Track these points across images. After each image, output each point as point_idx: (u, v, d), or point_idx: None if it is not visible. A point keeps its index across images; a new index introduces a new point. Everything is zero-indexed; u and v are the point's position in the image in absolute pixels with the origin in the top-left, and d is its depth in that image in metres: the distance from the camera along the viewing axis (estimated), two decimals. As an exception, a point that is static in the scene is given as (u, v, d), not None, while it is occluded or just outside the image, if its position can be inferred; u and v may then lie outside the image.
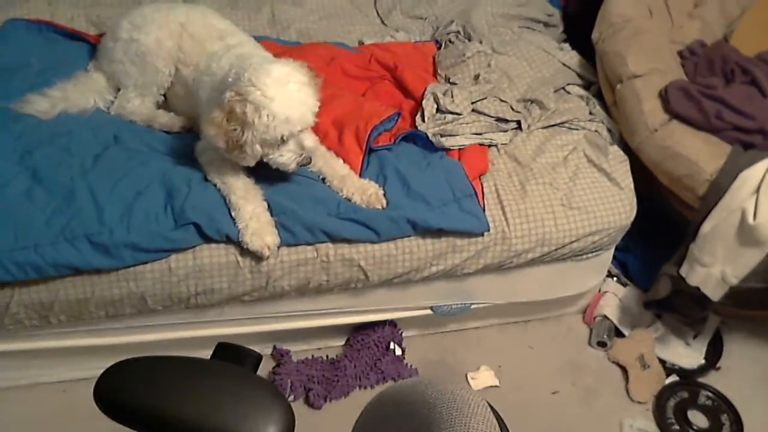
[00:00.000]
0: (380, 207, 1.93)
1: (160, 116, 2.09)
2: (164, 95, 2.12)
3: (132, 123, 2.08)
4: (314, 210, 1.90)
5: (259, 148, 1.79)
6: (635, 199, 2.15)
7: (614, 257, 2.39)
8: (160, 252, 1.81)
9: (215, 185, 1.88)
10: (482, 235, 2.00)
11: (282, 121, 1.74)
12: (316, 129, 1.92)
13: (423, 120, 2.17)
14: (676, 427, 2.16)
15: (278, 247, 1.85)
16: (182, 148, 1.98)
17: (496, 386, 2.23)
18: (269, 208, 1.87)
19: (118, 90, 2.13)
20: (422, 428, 0.86)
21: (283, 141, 1.79)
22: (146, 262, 1.81)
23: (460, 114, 2.19)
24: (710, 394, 2.24)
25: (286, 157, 1.83)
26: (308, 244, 1.89)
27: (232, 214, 1.83)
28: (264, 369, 2.17)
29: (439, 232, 1.97)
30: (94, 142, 1.97)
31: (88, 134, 2.00)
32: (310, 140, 1.85)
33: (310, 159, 1.86)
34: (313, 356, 2.24)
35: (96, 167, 1.90)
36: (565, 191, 2.10)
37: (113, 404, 1.14)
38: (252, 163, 1.84)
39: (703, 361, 2.34)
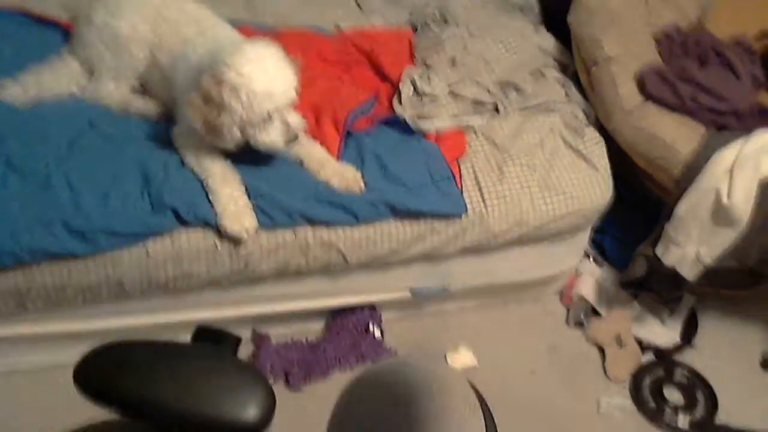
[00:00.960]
0: (358, 190, 1.93)
1: (135, 101, 2.07)
2: (140, 80, 2.10)
3: (107, 108, 2.06)
4: (292, 193, 1.89)
5: (238, 132, 1.78)
6: (611, 181, 2.16)
7: (591, 238, 2.40)
8: (137, 237, 1.80)
9: (192, 170, 1.86)
10: (460, 217, 2.00)
11: (264, 97, 1.74)
12: (293, 112, 1.91)
13: (400, 103, 2.17)
14: (652, 404, 2.19)
15: (256, 231, 1.85)
16: (158, 134, 1.96)
17: (474, 367, 2.25)
18: (247, 191, 1.86)
19: (93, 75, 2.10)
20: (402, 407, 0.86)
21: (268, 118, 1.78)
22: (123, 247, 1.80)
23: (437, 97, 2.19)
24: (685, 372, 2.28)
25: (273, 135, 1.82)
26: (287, 227, 1.89)
27: (210, 198, 1.82)
28: (243, 352, 2.17)
29: (417, 215, 1.97)
30: (68, 128, 1.94)
31: (63, 120, 1.97)
32: (294, 116, 1.84)
33: (297, 135, 1.85)
34: (292, 339, 2.24)
35: (71, 153, 1.87)
36: (541, 173, 2.11)
37: (93, 388, 1.14)
38: (232, 146, 1.83)
39: (678, 340, 2.36)
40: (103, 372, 1.15)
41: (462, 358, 2.26)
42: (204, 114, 1.74)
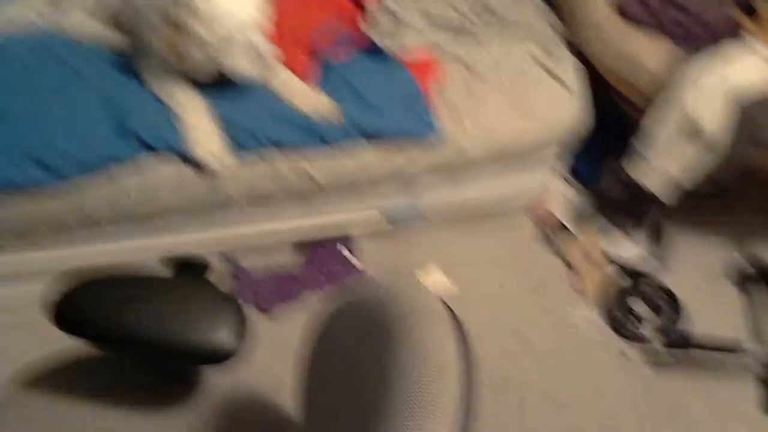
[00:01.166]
0: (329, 114, 1.91)
1: (99, 30, 2.01)
2: (105, 9, 2.04)
3: (71, 38, 2.00)
4: (261, 118, 1.87)
5: (206, 60, 1.75)
6: (583, 99, 2.16)
7: (563, 153, 2.40)
8: (102, 164, 1.78)
9: (158, 96, 1.83)
10: (431, 137, 2.00)
11: (225, 16, 1.70)
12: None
13: (369, 24, 2.13)
14: (618, 314, 2.25)
15: (227, 157, 1.83)
16: (123, 62, 1.92)
17: (446, 284, 2.28)
18: (215, 117, 1.83)
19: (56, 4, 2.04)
20: (375, 328, 0.87)
21: (232, 39, 1.75)
22: (88, 175, 1.78)
23: (407, 16, 2.16)
24: (650, 283, 2.32)
25: (244, 60, 1.79)
26: (255, 152, 1.87)
27: (176, 123, 1.80)
28: (214, 277, 2.18)
29: (388, 137, 1.96)
30: (30, 58, 1.90)
31: (24, 50, 1.92)
32: (262, 41, 1.81)
33: (269, 62, 1.82)
34: (264, 267, 2.25)
35: (33, 83, 1.84)
36: (513, 92, 2.10)
37: (69, 322, 1.14)
38: (203, 76, 1.79)
39: (644, 252, 2.41)
40: (78, 305, 1.16)
41: (433, 277, 2.29)
42: (170, 41, 1.70)
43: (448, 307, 0.88)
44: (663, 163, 2.06)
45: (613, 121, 2.33)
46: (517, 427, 2.03)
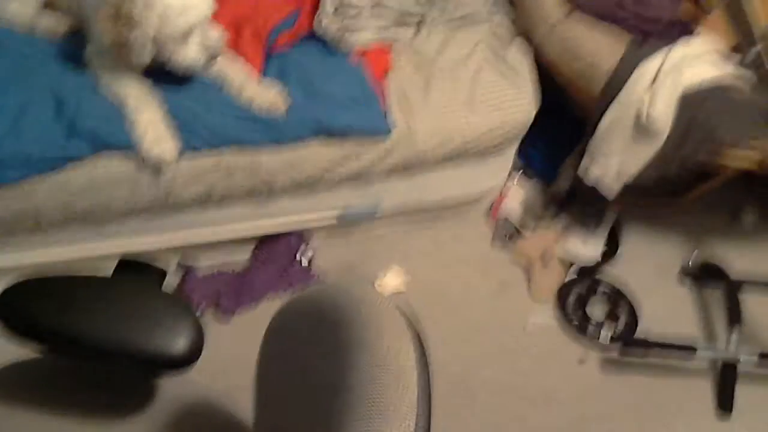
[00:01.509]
0: (283, 109, 1.90)
1: (43, 19, 1.98)
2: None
3: (13, 28, 1.96)
4: (214, 115, 1.86)
5: (152, 50, 1.73)
6: (538, 94, 2.18)
7: (519, 151, 2.42)
8: (51, 164, 1.75)
9: (108, 92, 1.81)
10: (386, 134, 2.00)
11: (181, 11, 1.69)
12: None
13: (325, 16, 2.13)
14: (576, 320, 2.27)
15: (178, 156, 1.82)
16: (70, 54, 1.89)
17: (404, 288, 2.29)
18: (167, 114, 1.82)
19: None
20: (331, 333, 0.87)
21: (185, 34, 1.73)
22: (37, 176, 1.75)
23: (361, 9, 2.16)
24: (608, 287, 2.35)
25: (194, 53, 1.77)
26: (210, 151, 1.86)
27: (128, 121, 1.78)
28: (170, 284, 2.15)
29: (343, 135, 1.96)
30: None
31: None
32: (214, 32, 1.80)
33: (217, 53, 1.81)
34: (218, 270, 2.24)
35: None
36: (468, 87, 2.11)
37: (14, 324, 1.12)
38: (143, 64, 1.77)
39: (601, 254, 2.43)
40: (24, 307, 1.14)
41: (392, 280, 2.30)
42: (114, 30, 1.68)
43: (406, 312, 0.89)
44: (616, 162, 2.09)
45: (570, 119, 2.36)
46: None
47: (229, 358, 1.75)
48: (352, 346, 0.82)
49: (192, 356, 1.08)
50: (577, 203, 2.30)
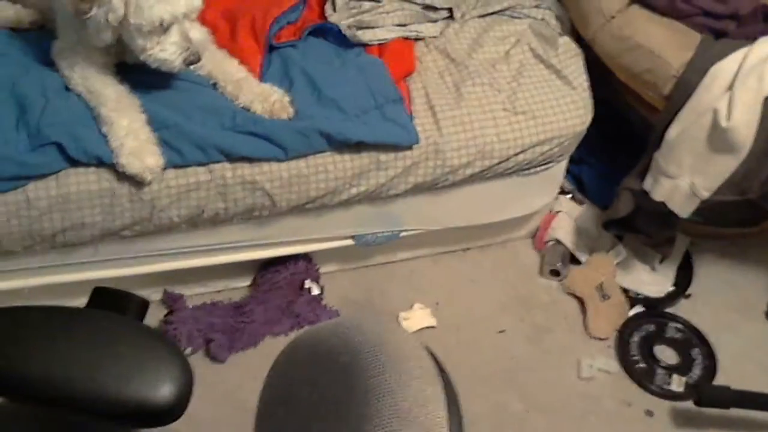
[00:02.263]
0: (286, 117, 1.91)
1: (3, 10, 2.01)
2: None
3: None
4: (205, 122, 1.87)
5: (111, 34, 1.74)
6: (591, 101, 2.18)
7: (567, 171, 2.43)
8: (14, 180, 1.76)
9: (80, 95, 1.83)
10: (410, 148, 2.00)
11: (153, 2, 1.69)
12: (202, 22, 1.87)
13: (334, 9, 2.14)
14: (642, 365, 2.25)
15: (162, 170, 1.82)
16: (35, 50, 1.92)
17: (432, 327, 2.28)
18: (149, 121, 1.83)
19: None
20: (345, 378, 0.86)
21: (162, 29, 1.74)
22: (-2, 194, 1.77)
23: (379, 1, 2.17)
24: (679, 326, 2.33)
25: (169, 52, 1.78)
26: (200, 164, 1.87)
27: (103, 130, 1.79)
28: (153, 318, 2.17)
29: (358, 147, 1.97)
30: None
31: None
32: (197, 31, 1.81)
33: (200, 56, 1.82)
34: (212, 301, 2.24)
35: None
36: (507, 93, 2.12)
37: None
38: (105, 41, 1.76)
39: (671, 289, 2.42)
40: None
41: (417, 318, 2.29)
42: (76, 3, 1.69)
43: (434, 357, 0.88)
44: (689, 180, 2.07)
45: (630, 129, 2.35)
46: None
47: (222, 407, 1.75)
48: (370, 395, 0.82)
49: (178, 406, 1.07)
50: (640, 229, 2.28)
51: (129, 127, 1.79)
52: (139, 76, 1.85)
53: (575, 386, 2.22)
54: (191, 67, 1.83)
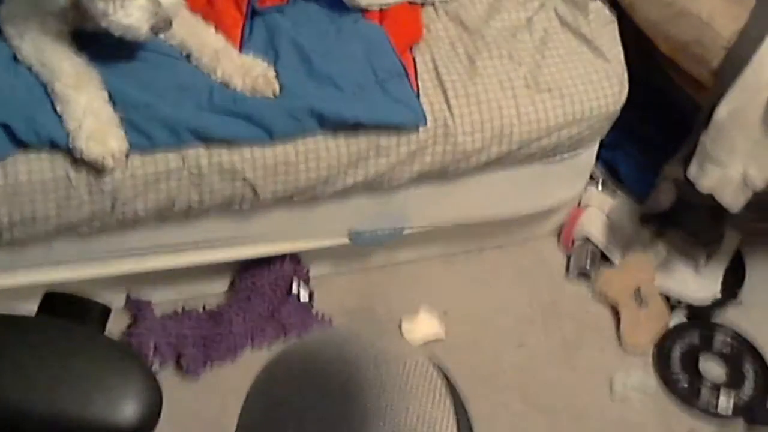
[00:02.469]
0: (271, 94, 1.91)
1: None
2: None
3: None
4: (177, 101, 1.88)
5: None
6: (626, 75, 2.18)
7: (599, 157, 2.43)
8: (-47, 167, 1.77)
9: (31, 68, 1.83)
10: (416, 130, 2.01)
11: None
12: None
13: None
14: (685, 382, 2.26)
15: (126, 155, 1.82)
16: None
17: (440, 338, 2.29)
18: (111, 99, 1.83)
19: None
20: (338, 395, 0.87)
21: None
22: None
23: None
24: (729, 337, 2.34)
25: (134, 17, 1.77)
26: (170, 149, 1.87)
27: (58, 109, 1.79)
28: (115, 327, 2.18)
29: (355, 128, 1.97)
30: None
31: None
32: None
33: (170, 23, 1.82)
34: (184, 308, 2.26)
35: None
36: (530, 66, 2.12)
37: None
38: (62, 2, 1.76)
39: (718, 294, 2.42)
40: None
41: (423, 327, 2.30)
42: None
43: (443, 371, 0.88)
44: (742, 169, 2.08)
45: (671, 109, 2.35)
46: None
47: (196, 426, 1.76)
48: (368, 416, 0.82)
49: (145, 428, 1.07)
50: (683, 225, 2.29)
51: (88, 106, 1.79)
52: (100, 46, 1.86)
53: (607, 409, 2.23)
54: (160, 35, 1.83)
